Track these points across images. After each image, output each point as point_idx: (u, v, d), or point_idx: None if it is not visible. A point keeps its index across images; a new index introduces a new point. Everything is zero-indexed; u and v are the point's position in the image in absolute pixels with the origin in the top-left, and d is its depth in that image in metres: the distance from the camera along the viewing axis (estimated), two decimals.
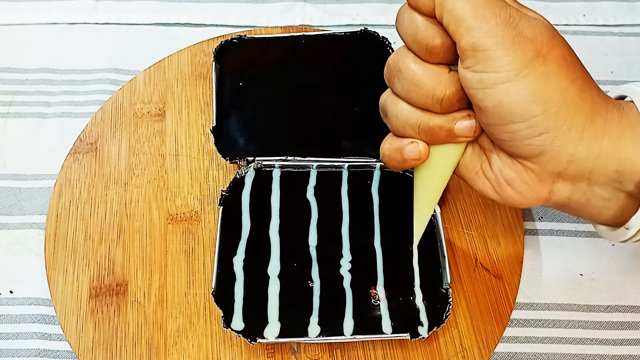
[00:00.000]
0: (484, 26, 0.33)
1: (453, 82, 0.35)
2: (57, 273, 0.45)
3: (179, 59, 0.56)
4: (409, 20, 0.36)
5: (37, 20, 0.61)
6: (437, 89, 0.35)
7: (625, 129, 0.35)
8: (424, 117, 0.37)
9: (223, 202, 0.46)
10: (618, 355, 0.45)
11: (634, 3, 0.65)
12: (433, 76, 0.35)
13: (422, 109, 0.37)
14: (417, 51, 0.36)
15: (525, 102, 0.33)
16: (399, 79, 0.37)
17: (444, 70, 0.36)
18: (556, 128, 0.34)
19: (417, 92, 0.36)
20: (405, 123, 0.38)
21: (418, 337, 0.41)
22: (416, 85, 0.36)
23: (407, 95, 0.37)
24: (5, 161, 0.52)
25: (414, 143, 0.38)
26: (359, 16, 0.63)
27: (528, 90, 0.33)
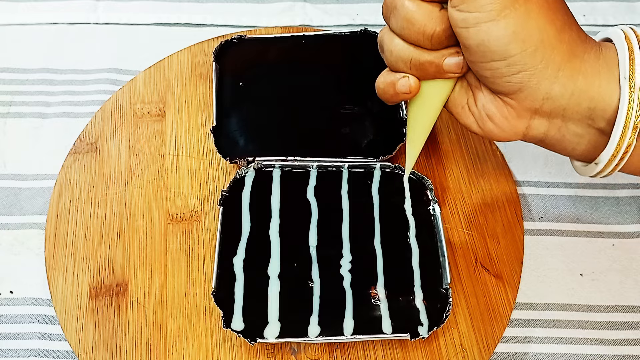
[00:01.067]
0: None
1: (443, 19, 0.37)
2: (57, 273, 0.45)
3: (179, 59, 0.56)
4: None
5: (37, 20, 0.61)
6: (428, 25, 0.37)
7: (601, 69, 0.36)
8: (415, 52, 0.39)
9: (223, 202, 0.46)
10: (618, 355, 0.45)
11: (634, 3, 0.65)
12: (425, 13, 0.37)
13: (414, 45, 0.39)
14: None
15: (505, 42, 0.35)
16: (394, 15, 0.39)
17: (435, 9, 0.37)
18: (533, 67, 0.36)
19: (410, 29, 0.38)
20: (398, 58, 0.40)
21: (418, 337, 0.41)
22: (409, 21, 0.38)
23: (401, 32, 0.39)
24: (5, 161, 0.52)
25: (406, 77, 0.41)
26: (359, 16, 0.63)
27: (507, 30, 0.35)
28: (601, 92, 0.36)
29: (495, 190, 0.49)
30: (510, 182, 0.50)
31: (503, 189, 0.50)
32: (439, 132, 0.52)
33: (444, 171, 0.50)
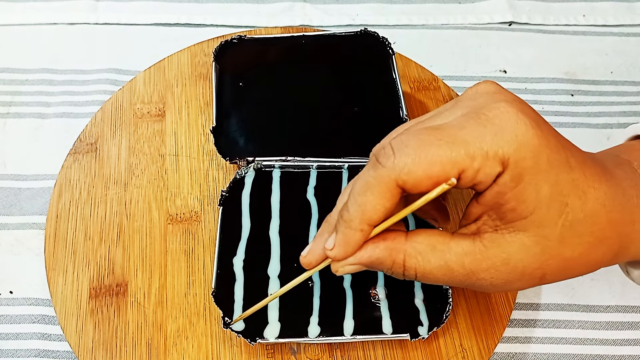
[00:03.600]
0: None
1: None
2: (57, 273, 0.45)
3: (179, 59, 0.56)
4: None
5: (37, 20, 0.61)
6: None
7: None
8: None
9: (223, 203, 0.46)
10: (618, 355, 0.45)
11: (633, 3, 0.65)
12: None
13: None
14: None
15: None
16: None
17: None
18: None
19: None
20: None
21: (418, 337, 0.41)
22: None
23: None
24: (5, 161, 0.52)
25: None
26: (359, 16, 0.64)
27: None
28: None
29: None
30: None
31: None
32: None
33: None
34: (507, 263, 0.32)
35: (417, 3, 0.65)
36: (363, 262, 0.34)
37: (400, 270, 0.34)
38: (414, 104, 0.54)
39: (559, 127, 0.55)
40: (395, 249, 0.34)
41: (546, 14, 0.64)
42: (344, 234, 0.33)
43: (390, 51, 0.53)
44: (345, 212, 0.33)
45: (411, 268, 0.34)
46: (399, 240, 0.34)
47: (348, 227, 0.33)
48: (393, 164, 0.31)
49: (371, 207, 0.32)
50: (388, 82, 0.51)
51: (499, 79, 0.59)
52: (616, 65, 0.60)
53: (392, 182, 0.31)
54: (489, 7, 0.64)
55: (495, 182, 0.31)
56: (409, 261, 0.34)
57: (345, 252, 0.34)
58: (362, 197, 0.32)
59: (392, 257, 0.34)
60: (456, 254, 0.33)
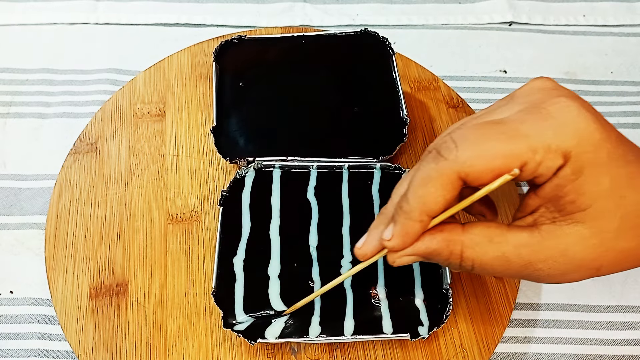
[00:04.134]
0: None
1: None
2: (57, 273, 0.45)
3: (179, 59, 0.56)
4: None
5: (37, 20, 0.61)
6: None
7: None
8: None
9: (223, 202, 0.46)
10: (618, 355, 0.45)
11: (633, 3, 0.65)
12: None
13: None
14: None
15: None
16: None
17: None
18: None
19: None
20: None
21: (418, 337, 0.41)
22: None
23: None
24: (5, 161, 0.52)
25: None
26: (359, 16, 0.64)
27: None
28: None
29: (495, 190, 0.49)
30: (510, 182, 0.50)
31: (503, 189, 0.50)
32: (439, 133, 0.52)
33: None
34: (565, 254, 0.33)
35: (417, 3, 0.65)
36: (420, 253, 0.34)
37: (457, 261, 0.34)
38: (414, 104, 0.54)
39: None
40: (453, 240, 0.34)
41: (546, 14, 0.64)
42: (402, 224, 0.34)
43: (391, 51, 0.53)
44: (405, 203, 0.33)
45: (468, 259, 0.34)
46: (456, 232, 0.34)
47: (407, 218, 0.33)
48: (456, 156, 0.32)
49: (432, 198, 0.32)
50: (388, 82, 0.51)
51: (499, 79, 0.59)
52: (616, 65, 0.61)
53: (454, 175, 0.32)
54: (489, 7, 0.64)
55: (555, 174, 0.32)
56: (466, 252, 0.34)
57: (403, 243, 0.34)
58: (422, 189, 0.32)
59: (450, 249, 0.34)
60: (514, 246, 0.33)
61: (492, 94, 0.58)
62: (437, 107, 0.54)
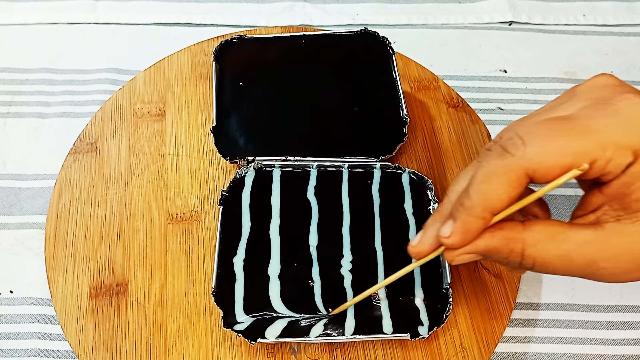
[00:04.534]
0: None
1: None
2: (57, 273, 0.45)
3: (179, 59, 0.56)
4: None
5: (37, 20, 0.61)
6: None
7: None
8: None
9: (223, 202, 0.46)
10: (618, 355, 0.45)
11: (633, 3, 0.65)
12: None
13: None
14: None
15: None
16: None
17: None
18: None
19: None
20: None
21: (418, 337, 0.41)
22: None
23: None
24: (5, 161, 0.52)
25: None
26: (359, 16, 0.64)
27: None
28: None
29: None
30: None
31: None
32: (438, 132, 0.52)
33: (444, 171, 0.50)
34: (630, 252, 0.32)
35: (417, 3, 0.65)
36: (479, 250, 0.34)
37: (517, 259, 0.34)
38: (414, 104, 0.54)
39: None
40: (514, 238, 0.33)
41: (546, 13, 0.64)
42: (463, 221, 0.33)
43: (391, 51, 0.53)
44: (467, 199, 0.33)
45: (530, 257, 0.33)
46: (516, 229, 0.34)
47: (469, 215, 0.33)
48: (523, 153, 0.31)
49: (496, 195, 0.32)
50: (388, 82, 0.51)
51: (499, 78, 0.59)
52: (616, 65, 0.60)
53: (521, 171, 0.31)
54: (489, 7, 0.64)
55: (623, 172, 0.31)
56: (527, 250, 0.33)
57: (463, 240, 0.34)
58: (486, 185, 0.32)
59: (510, 246, 0.34)
60: (576, 244, 0.33)
61: (492, 94, 0.58)
62: (437, 107, 0.54)
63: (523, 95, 0.58)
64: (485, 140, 0.52)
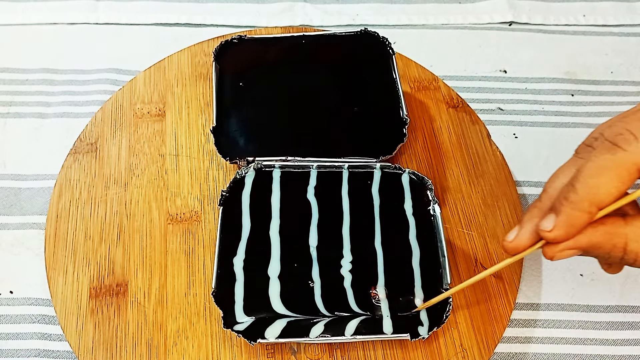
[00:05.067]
0: None
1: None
2: (57, 273, 0.45)
3: (179, 59, 0.56)
4: None
5: (37, 20, 0.61)
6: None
7: None
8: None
9: (223, 202, 0.46)
10: (618, 355, 0.45)
11: (634, 3, 0.65)
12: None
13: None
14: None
15: None
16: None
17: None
18: None
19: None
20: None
21: (418, 337, 0.41)
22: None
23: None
24: (5, 161, 0.52)
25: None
26: (359, 16, 0.64)
27: None
28: None
29: (495, 190, 0.49)
30: (510, 182, 0.50)
31: (503, 189, 0.50)
32: (438, 133, 0.52)
33: (444, 171, 0.50)
34: None
35: (417, 3, 0.65)
36: (582, 246, 0.34)
37: (619, 254, 0.34)
38: (414, 104, 0.54)
39: (559, 127, 0.55)
40: (616, 233, 0.33)
41: (546, 13, 0.64)
42: (568, 215, 0.33)
43: (391, 51, 0.53)
44: (573, 193, 0.33)
45: (632, 252, 0.33)
46: (618, 224, 0.33)
47: (574, 209, 0.33)
48: (637, 147, 0.31)
49: (604, 189, 0.32)
50: (388, 82, 0.51)
51: (499, 78, 0.59)
52: (616, 65, 0.60)
53: (633, 166, 0.31)
54: (489, 7, 0.64)
55: None
56: (630, 245, 0.33)
57: (567, 234, 0.33)
58: (595, 179, 0.32)
59: (613, 242, 0.33)
60: None
61: (492, 94, 0.58)
62: (437, 107, 0.54)
63: (523, 95, 0.58)
64: (485, 140, 0.52)
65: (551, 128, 0.56)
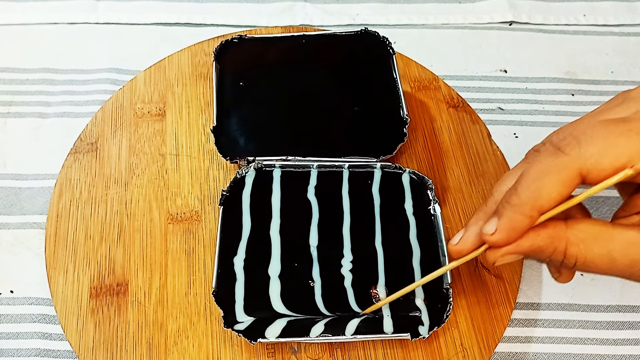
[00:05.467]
0: None
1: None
2: (58, 273, 0.45)
3: (179, 58, 0.56)
4: None
5: (37, 20, 0.61)
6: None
7: None
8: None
9: (223, 202, 0.46)
10: (618, 355, 0.45)
11: (634, 3, 0.65)
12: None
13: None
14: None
15: None
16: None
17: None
18: None
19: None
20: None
21: (418, 336, 0.41)
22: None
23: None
24: (5, 161, 0.52)
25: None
26: (359, 16, 0.64)
27: None
28: None
29: None
30: None
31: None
32: (439, 132, 0.52)
33: (444, 171, 0.50)
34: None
35: (417, 3, 0.65)
36: (523, 250, 0.34)
37: (559, 258, 0.34)
38: (414, 104, 0.54)
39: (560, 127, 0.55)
40: (557, 236, 0.33)
41: (546, 13, 0.64)
42: (510, 218, 0.33)
43: (391, 51, 0.53)
44: (515, 197, 0.33)
45: (572, 256, 0.33)
46: (559, 228, 0.34)
47: (516, 212, 0.33)
48: (579, 153, 0.31)
49: (546, 194, 0.32)
50: (388, 82, 0.51)
51: (499, 78, 0.59)
52: (616, 65, 0.61)
53: (575, 171, 0.32)
54: (489, 7, 0.64)
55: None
56: (570, 249, 0.33)
57: (508, 238, 0.33)
58: (537, 183, 0.32)
59: (554, 245, 0.33)
60: (620, 244, 0.33)
61: (492, 94, 0.58)
62: (437, 107, 0.54)
63: (523, 95, 0.58)
64: (486, 140, 0.52)
65: (551, 128, 0.55)
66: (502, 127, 0.56)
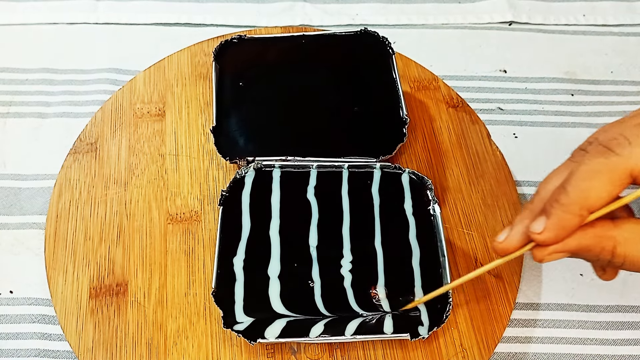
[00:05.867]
0: None
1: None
2: (57, 273, 0.45)
3: (179, 59, 0.56)
4: None
5: (37, 20, 0.61)
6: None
7: None
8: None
9: (223, 202, 0.46)
10: (618, 355, 0.45)
11: (633, 3, 0.65)
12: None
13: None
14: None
15: None
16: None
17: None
18: None
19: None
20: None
21: (418, 337, 0.41)
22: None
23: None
24: (5, 161, 0.52)
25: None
26: (359, 16, 0.64)
27: None
28: None
29: (495, 190, 0.49)
30: (510, 182, 0.50)
31: (503, 189, 0.50)
32: (438, 132, 0.52)
33: (444, 171, 0.50)
34: None
35: (417, 3, 0.65)
36: (571, 249, 0.34)
37: (607, 257, 0.34)
38: (414, 104, 0.54)
39: (559, 127, 0.55)
40: (605, 236, 0.33)
41: (546, 13, 0.64)
42: (559, 217, 0.33)
43: (390, 51, 0.53)
44: (564, 196, 0.33)
45: (620, 255, 0.33)
46: (607, 227, 0.34)
47: (565, 211, 0.33)
48: (630, 152, 0.31)
49: (596, 193, 0.32)
50: (388, 82, 0.51)
51: (499, 78, 0.59)
52: (616, 65, 0.60)
53: (626, 171, 0.32)
54: (489, 7, 0.64)
55: None
56: (618, 249, 0.33)
57: (556, 237, 0.33)
58: (587, 182, 0.32)
59: (602, 245, 0.33)
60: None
61: (492, 94, 0.58)
62: (437, 107, 0.54)
63: (523, 95, 0.58)
64: (485, 140, 0.52)
65: (551, 128, 0.56)
66: (502, 127, 0.56)
